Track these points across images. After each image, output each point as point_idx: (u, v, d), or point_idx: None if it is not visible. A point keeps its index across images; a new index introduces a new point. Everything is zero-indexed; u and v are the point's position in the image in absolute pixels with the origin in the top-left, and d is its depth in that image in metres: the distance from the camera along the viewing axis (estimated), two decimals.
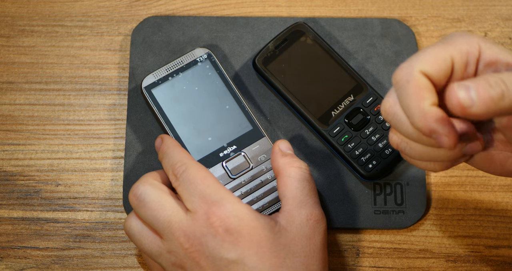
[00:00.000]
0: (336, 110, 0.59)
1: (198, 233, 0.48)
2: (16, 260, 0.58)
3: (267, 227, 0.49)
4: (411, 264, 0.59)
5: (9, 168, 0.61)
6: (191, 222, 0.49)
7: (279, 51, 0.60)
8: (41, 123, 0.62)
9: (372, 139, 0.58)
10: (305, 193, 0.52)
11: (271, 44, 0.60)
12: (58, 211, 0.60)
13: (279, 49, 0.60)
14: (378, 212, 0.59)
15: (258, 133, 0.58)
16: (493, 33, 0.65)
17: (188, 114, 0.58)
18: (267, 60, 0.60)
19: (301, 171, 0.53)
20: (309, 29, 0.61)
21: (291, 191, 0.52)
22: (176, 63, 0.59)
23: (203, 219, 0.48)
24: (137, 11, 0.65)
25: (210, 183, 0.50)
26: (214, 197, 0.49)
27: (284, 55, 0.60)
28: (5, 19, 0.64)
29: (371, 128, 0.59)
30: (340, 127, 0.59)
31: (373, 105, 0.59)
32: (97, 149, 0.61)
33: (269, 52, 0.60)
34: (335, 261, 0.59)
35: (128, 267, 0.59)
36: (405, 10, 0.66)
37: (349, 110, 0.59)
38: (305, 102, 0.59)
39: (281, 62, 0.60)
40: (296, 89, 0.60)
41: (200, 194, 0.50)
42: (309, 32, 0.61)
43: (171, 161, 0.52)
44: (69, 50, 0.64)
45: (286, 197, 0.52)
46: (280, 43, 0.60)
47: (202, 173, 0.51)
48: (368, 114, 0.59)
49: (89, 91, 0.63)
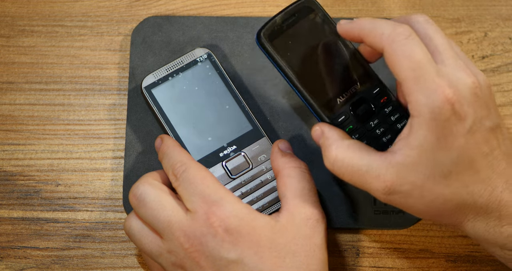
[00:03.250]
0: (342, 98, 0.54)
1: (198, 233, 0.48)
2: (16, 260, 0.58)
3: (267, 227, 0.49)
4: (411, 264, 0.59)
5: (9, 168, 0.61)
6: (191, 222, 0.49)
7: (286, 26, 0.55)
8: (41, 123, 0.62)
9: (376, 132, 0.54)
10: (305, 192, 0.52)
11: (278, 18, 0.55)
12: (58, 211, 0.60)
13: (286, 24, 0.55)
14: (378, 212, 0.59)
15: (258, 133, 0.58)
16: (493, 33, 0.65)
17: (188, 114, 0.58)
18: (273, 35, 0.54)
19: (301, 171, 0.53)
20: (319, 6, 0.56)
21: (290, 191, 0.52)
22: (176, 63, 0.59)
23: (203, 219, 0.49)
24: (137, 11, 0.65)
25: (210, 183, 0.50)
26: (213, 197, 0.49)
27: (291, 31, 0.55)
28: (5, 19, 0.64)
29: (376, 120, 0.54)
30: (346, 116, 0.53)
31: (379, 97, 0.54)
32: (97, 149, 0.61)
33: (275, 26, 0.54)
34: (335, 261, 0.59)
35: (128, 267, 0.59)
36: (405, 10, 0.66)
37: (355, 99, 0.54)
38: (310, 85, 0.54)
39: (287, 39, 0.55)
40: (301, 70, 0.54)
41: (200, 194, 0.50)
42: (319, 10, 0.56)
43: (171, 161, 0.52)
44: (69, 50, 0.64)
45: (286, 196, 0.52)
46: (288, 17, 0.55)
47: (202, 173, 0.51)
48: (373, 105, 0.54)
49: (89, 91, 0.63)
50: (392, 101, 0.54)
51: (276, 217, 0.50)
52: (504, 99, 0.63)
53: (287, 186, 0.52)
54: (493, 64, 0.64)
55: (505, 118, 0.63)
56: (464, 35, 0.65)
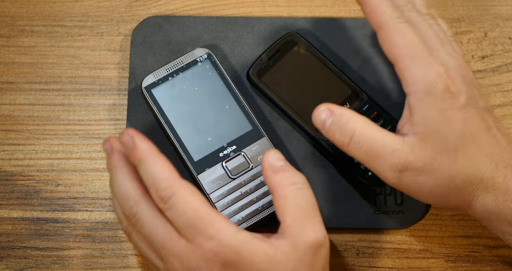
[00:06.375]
0: None
1: (194, 264, 0.46)
2: (16, 260, 0.58)
3: (266, 259, 0.46)
4: (411, 264, 0.59)
5: (9, 168, 0.61)
6: (185, 251, 0.46)
7: (273, 62, 0.60)
8: (41, 123, 0.62)
9: None
10: (304, 214, 0.48)
11: (264, 55, 0.60)
12: (58, 211, 0.60)
13: (272, 60, 0.60)
14: (378, 212, 0.59)
15: (258, 133, 0.58)
16: (493, 33, 0.65)
17: (188, 114, 0.58)
18: (261, 72, 0.59)
19: (296, 189, 0.49)
20: (301, 38, 0.60)
21: (289, 215, 0.48)
22: (176, 63, 0.59)
23: (199, 253, 0.46)
24: (137, 11, 0.65)
25: (204, 213, 0.46)
26: (209, 231, 0.46)
27: (278, 66, 0.60)
28: (5, 19, 0.64)
29: None
30: None
31: (369, 112, 0.58)
32: (97, 149, 0.61)
33: (262, 63, 0.60)
34: (335, 261, 0.59)
35: (128, 267, 0.59)
36: None
37: None
38: (302, 112, 0.58)
39: (275, 73, 0.59)
40: (291, 100, 0.59)
41: (194, 227, 0.46)
42: (302, 42, 0.60)
43: (153, 178, 0.47)
44: (69, 50, 0.64)
45: (285, 221, 0.48)
46: (273, 54, 0.60)
47: (194, 200, 0.47)
48: None
49: (89, 91, 0.63)
50: (383, 115, 0.58)
51: (277, 244, 0.47)
52: (504, 99, 0.63)
53: (285, 209, 0.48)
54: (493, 64, 0.64)
55: (505, 118, 0.63)
56: (464, 35, 0.65)
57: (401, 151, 0.49)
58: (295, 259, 0.47)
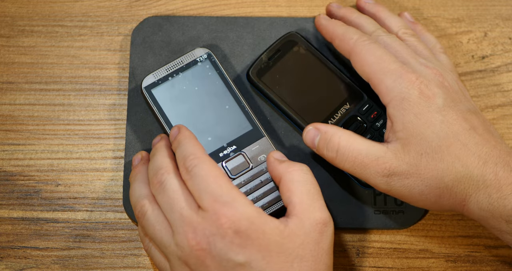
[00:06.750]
0: (333, 119, 0.58)
1: (207, 232, 0.48)
2: (16, 260, 0.58)
3: (277, 231, 0.49)
4: (411, 264, 0.59)
5: (9, 168, 0.61)
6: (201, 219, 0.49)
7: (273, 62, 0.60)
8: (41, 123, 0.62)
9: None
10: (311, 196, 0.51)
11: (264, 55, 0.60)
12: (58, 211, 0.60)
13: (272, 60, 0.60)
14: (378, 212, 0.59)
15: (258, 133, 0.58)
16: (493, 33, 0.65)
17: (188, 114, 0.58)
18: (261, 72, 0.60)
19: (303, 173, 0.52)
20: (301, 38, 0.60)
21: (296, 196, 0.51)
22: (176, 63, 0.59)
23: (213, 219, 0.48)
24: (137, 11, 0.65)
25: (222, 182, 0.50)
26: (225, 198, 0.49)
27: (277, 66, 0.60)
28: (5, 19, 0.64)
29: (368, 136, 0.58)
30: None
31: (369, 112, 0.58)
32: (97, 149, 0.61)
33: (262, 64, 0.60)
34: (335, 261, 0.59)
35: (128, 267, 0.59)
36: (405, 10, 0.66)
37: (346, 118, 0.58)
38: (302, 112, 0.59)
39: (275, 74, 0.60)
40: (291, 100, 0.59)
41: (211, 193, 0.49)
42: (302, 42, 0.60)
43: (184, 152, 0.52)
44: (69, 50, 0.64)
45: (293, 202, 0.51)
46: (273, 54, 0.60)
47: (215, 170, 0.50)
48: (365, 122, 0.58)
49: (89, 91, 0.63)
50: (383, 115, 0.58)
51: (285, 221, 0.50)
52: (504, 99, 0.63)
53: (292, 191, 0.51)
54: (493, 64, 0.64)
55: (505, 118, 0.63)
56: (464, 35, 0.65)
57: (385, 157, 0.51)
58: (302, 234, 0.49)
